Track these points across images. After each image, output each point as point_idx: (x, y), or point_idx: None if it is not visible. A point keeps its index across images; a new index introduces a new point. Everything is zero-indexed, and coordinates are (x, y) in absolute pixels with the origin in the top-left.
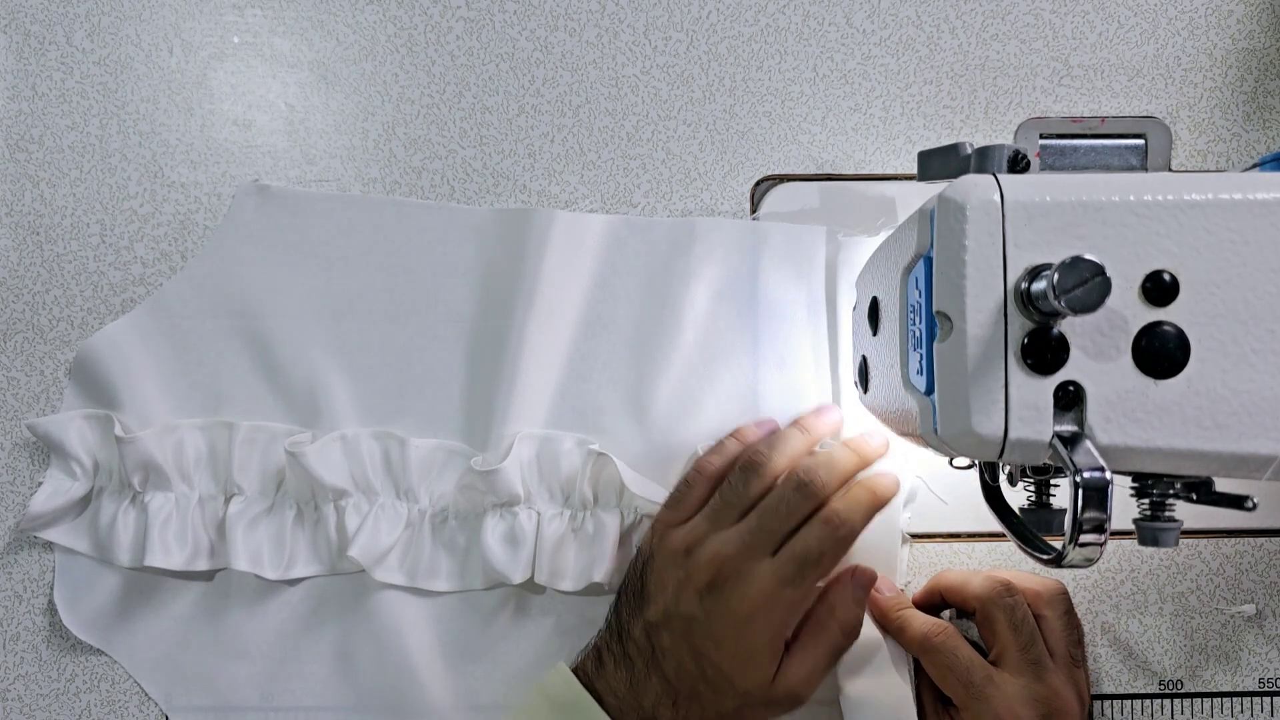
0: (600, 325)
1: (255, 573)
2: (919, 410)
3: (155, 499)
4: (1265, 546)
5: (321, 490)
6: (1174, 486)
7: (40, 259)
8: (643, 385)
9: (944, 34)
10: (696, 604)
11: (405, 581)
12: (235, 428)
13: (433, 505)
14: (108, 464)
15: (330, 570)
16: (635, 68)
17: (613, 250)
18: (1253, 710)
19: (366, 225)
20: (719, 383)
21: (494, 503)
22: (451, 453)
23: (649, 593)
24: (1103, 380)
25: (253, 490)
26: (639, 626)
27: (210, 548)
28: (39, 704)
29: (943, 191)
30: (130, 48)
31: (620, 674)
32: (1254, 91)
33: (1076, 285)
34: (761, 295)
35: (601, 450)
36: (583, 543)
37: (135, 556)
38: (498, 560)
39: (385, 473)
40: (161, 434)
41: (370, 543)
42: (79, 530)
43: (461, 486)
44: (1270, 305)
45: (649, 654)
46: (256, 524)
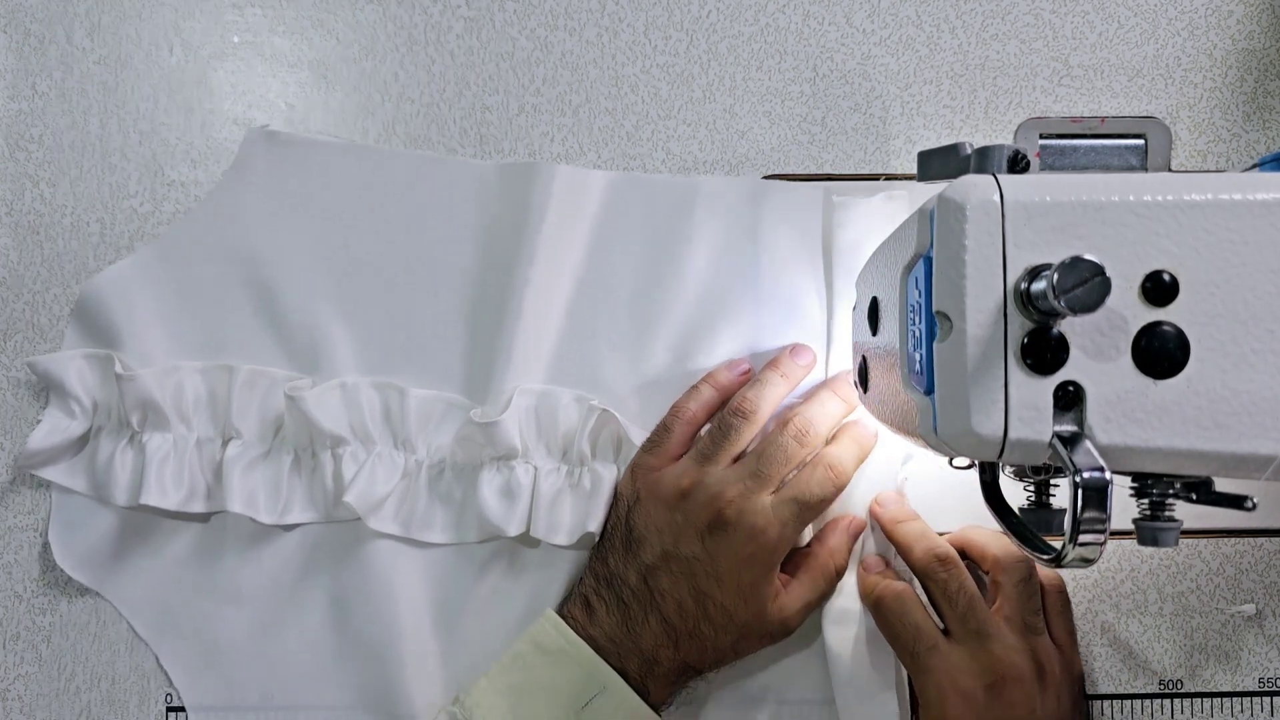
0: (601, 281)
1: (250, 515)
2: (919, 410)
3: (153, 439)
4: (1265, 546)
5: (319, 437)
6: (1174, 486)
7: (40, 259)
8: (642, 341)
9: (944, 34)
10: (698, 544)
11: (400, 531)
12: (235, 371)
13: (430, 457)
14: (106, 404)
15: (325, 518)
16: (635, 67)
17: (614, 206)
18: (1252, 710)
19: (372, 176)
20: (718, 339)
21: (491, 455)
22: (450, 405)
23: (640, 536)
24: (1102, 380)
25: (251, 435)
26: (634, 571)
27: (206, 490)
28: (40, 703)
29: (943, 191)
30: (130, 46)
31: (614, 619)
32: (1254, 92)
33: (1076, 285)
34: (762, 253)
35: (604, 407)
36: (579, 497)
37: (131, 496)
38: (493, 513)
39: (384, 422)
40: (162, 374)
41: (366, 490)
42: (76, 469)
43: (459, 439)
44: (1270, 305)
45: (646, 597)
46: (253, 468)
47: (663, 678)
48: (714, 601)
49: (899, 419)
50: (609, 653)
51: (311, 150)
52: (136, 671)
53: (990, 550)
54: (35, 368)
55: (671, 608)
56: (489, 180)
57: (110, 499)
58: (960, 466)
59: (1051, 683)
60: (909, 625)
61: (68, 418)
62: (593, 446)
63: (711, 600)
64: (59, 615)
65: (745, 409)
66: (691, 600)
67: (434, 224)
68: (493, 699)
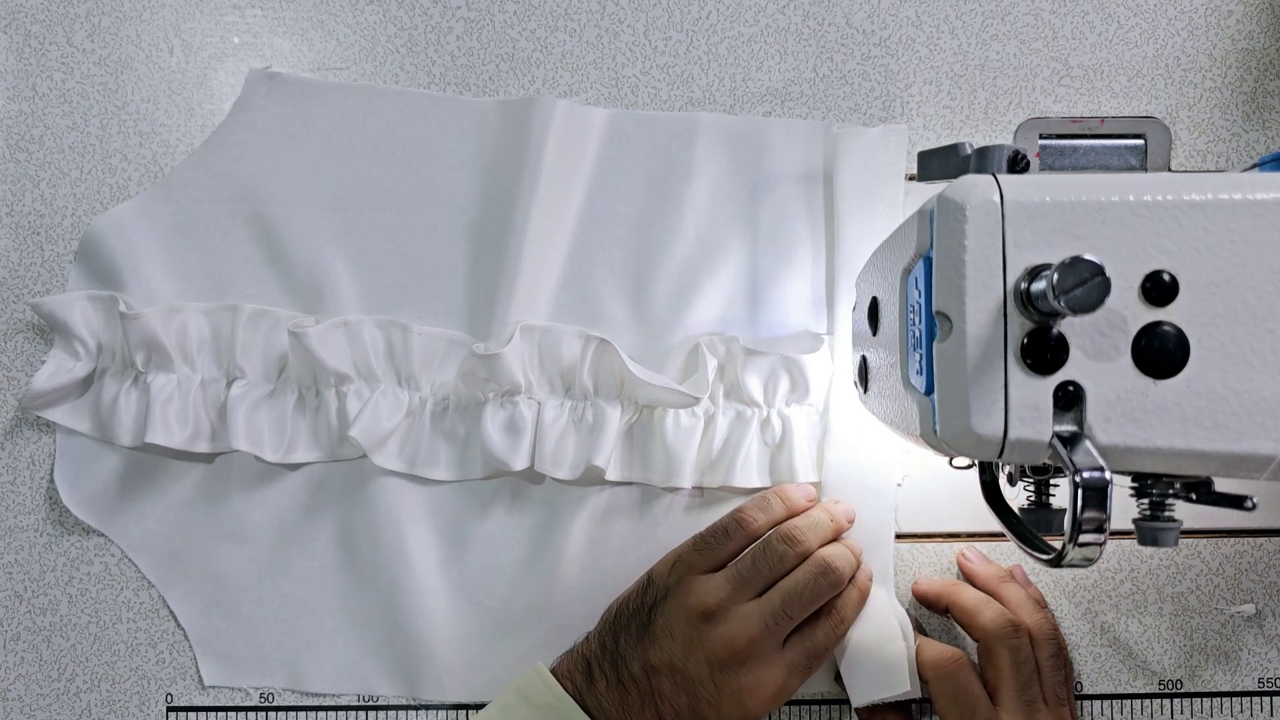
0: (601, 218)
1: (255, 453)
2: (919, 410)
3: (157, 379)
4: (1265, 546)
5: (323, 375)
6: (1173, 486)
7: (40, 259)
8: (643, 278)
9: (944, 34)
10: (707, 673)
11: (404, 468)
12: (239, 310)
13: (434, 394)
14: (111, 345)
15: (330, 456)
16: (635, 68)
17: (615, 143)
18: (1252, 710)
19: (373, 115)
20: (718, 276)
21: (495, 391)
22: (453, 342)
23: (655, 633)
24: (1102, 380)
25: (255, 374)
26: (638, 662)
27: (211, 430)
28: (39, 704)
29: (942, 192)
30: (130, 48)
31: (613, 696)
32: (1253, 92)
33: (1076, 285)
34: (762, 189)
35: (602, 337)
36: (583, 433)
37: (136, 436)
38: (497, 447)
39: (387, 360)
40: (166, 314)
41: (371, 426)
42: (80, 411)
43: (462, 373)
44: (1270, 305)
45: (646, 691)
46: (258, 407)
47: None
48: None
49: (899, 419)
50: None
51: (312, 90)
52: (136, 673)
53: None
54: (40, 309)
55: (669, 711)
56: (489, 117)
57: (115, 439)
58: (960, 466)
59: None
60: (973, 694)
61: (72, 359)
62: (595, 382)
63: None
64: (59, 616)
65: (795, 537)
66: (689, 714)
67: (435, 161)
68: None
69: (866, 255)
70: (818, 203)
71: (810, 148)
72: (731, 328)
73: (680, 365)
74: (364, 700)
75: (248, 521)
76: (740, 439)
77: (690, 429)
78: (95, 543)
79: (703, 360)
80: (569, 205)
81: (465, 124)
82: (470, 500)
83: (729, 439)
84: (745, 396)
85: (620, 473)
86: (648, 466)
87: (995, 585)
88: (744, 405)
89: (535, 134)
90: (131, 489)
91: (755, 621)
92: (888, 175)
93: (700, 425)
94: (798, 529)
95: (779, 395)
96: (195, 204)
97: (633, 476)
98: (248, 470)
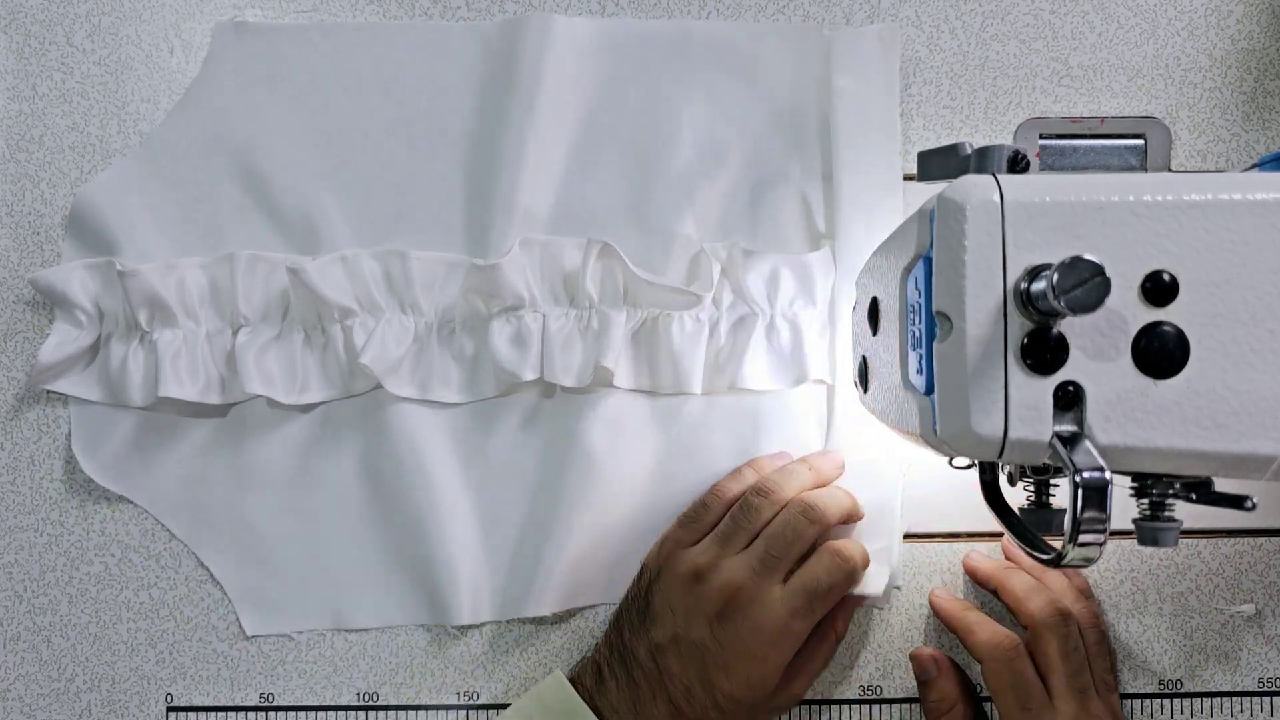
0: (598, 130)
1: (269, 396)
2: (919, 410)
3: (163, 336)
4: (1265, 546)
5: (326, 310)
6: (1173, 486)
7: (40, 259)
8: (642, 189)
9: (944, 34)
10: (707, 632)
11: (417, 394)
12: (236, 258)
13: (438, 317)
14: (113, 310)
15: (343, 392)
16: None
17: (609, 54)
18: (1252, 710)
19: (352, 52)
20: (717, 185)
21: (499, 307)
22: (453, 265)
23: (654, 613)
24: (1102, 380)
25: (259, 319)
26: (644, 648)
27: (221, 381)
28: (39, 704)
29: (942, 191)
30: (130, 48)
31: (624, 695)
32: (1253, 92)
33: (1076, 285)
34: (757, 96)
35: (603, 240)
36: (589, 340)
37: (148, 394)
38: (506, 360)
39: (388, 289)
40: (163, 270)
41: (381, 353)
42: (90, 379)
43: (465, 290)
44: (1270, 305)
45: (655, 677)
46: (266, 351)
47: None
48: (722, 691)
49: (899, 419)
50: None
51: (282, 34)
52: (136, 673)
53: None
54: (37, 284)
55: (679, 692)
56: (473, 41)
57: (127, 401)
58: (960, 466)
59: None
60: (1029, 681)
61: (75, 328)
62: (598, 290)
63: (720, 690)
64: (59, 616)
65: (768, 489)
66: (699, 686)
67: (421, 88)
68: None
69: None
70: (814, 106)
71: (804, 52)
72: (731, 237)
73: (683, 273)
74: (363, 700)
75: (268, 469)
76: (746, 342)
77: (695, 334)
78: (95, 542)
79: (706, 262)
80: (563, 122)
81: (449, 50)
82: (484, 421)
83: (735, 343)
84: (749, 300)
85: (628, 380)
86: (655, 373)
87: (1041, 572)
88: (748, 309)
89: (525, 53)
90: (149, 451)
91: (743, 569)
92: (883, 76)
93: (705, 331)
94: (771, 481)
95: (782, 297)
96: (180, 161)
97: (641, 384)
98: (262, 418)
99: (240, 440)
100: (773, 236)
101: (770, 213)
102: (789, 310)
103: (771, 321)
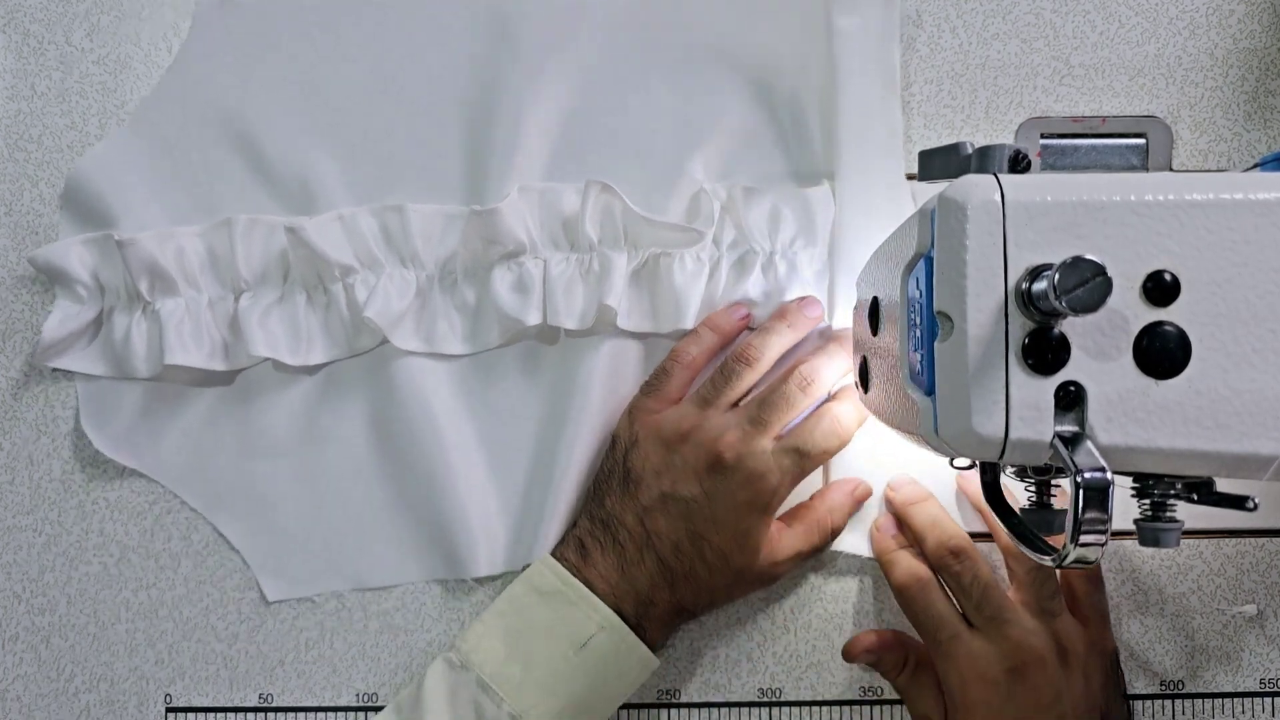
0: (595, 71)
1: (275, 357)
2: (919, 410)
3: (165, 305)
4: (1266, 547)
5: (327, 269)
6: (1175, 487)
7: None
8: (641, 134)
9: (944, 34)
10: (696, 486)
11: (422, 346)
12: (234, 222)
13: (439, 269)
14: (113, 283)
15: (347, 351)
16: None
17: None
18: (1254, 711)
19: (339, 7)
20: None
21: (500, 254)
22: (451, 216)
23: (638, 477)
24: (1104, 380)
25: (260, 282)
26: (631, 512)
27: (225, 347)
28: (39, 704)
29: (943, 191)
30: (129, 47)
31: (610, 560)
32: (1255, 91)
33: (1077, 285)
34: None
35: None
36: (591, 283)
37: (153, 365)
38: (509, 305)
39: (387, 244)
40: (161, 238)
41: (384, 307)
42: (94, 354)
43: (464, 238)
44: (1271, 305)
45: (643, 538)
46: (269, 314)
47: (658, 620)
48: (710, 544)
49: (899, 419)
50: (605, 595)
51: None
52: (136, 673)
53: (1002, 536)
54: (36, 261)
55: (668, 548)
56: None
57: (133, 373)
58: (961, 467)
59: (1076, 663)
60: (933, 614)
61: (76, 304)
62: (598, 232)
63: (708, 543)
64: (58, 616)
65: (749, 355)
66: (688, 542)
67: (411, 41)
68: (490, 643)
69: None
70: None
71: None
72: (732, 178)
73: (682, 212)
74: (363, 701)
75: (277, 433)
76: (744, 281)
77: (696, 273)
78: (94, 542)
79: (707, 201)
80: (560, 69)
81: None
82: (488, 373)
83: (735, 282)
84: (750, 238)
85: (630, 321)
86: (657, 313)
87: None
88: (749, 247)
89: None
90: (157, 422)
91: (733, 426)
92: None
93: (706, 270)
94: (750, 346)
95: (783, 235)
96: (172, 132)
97: (643, 325)
98: (267, 383)
99: (247, 406)
100: (774, 175)
101: (771, 152)
102: (789, 250)
103: (771, 260)
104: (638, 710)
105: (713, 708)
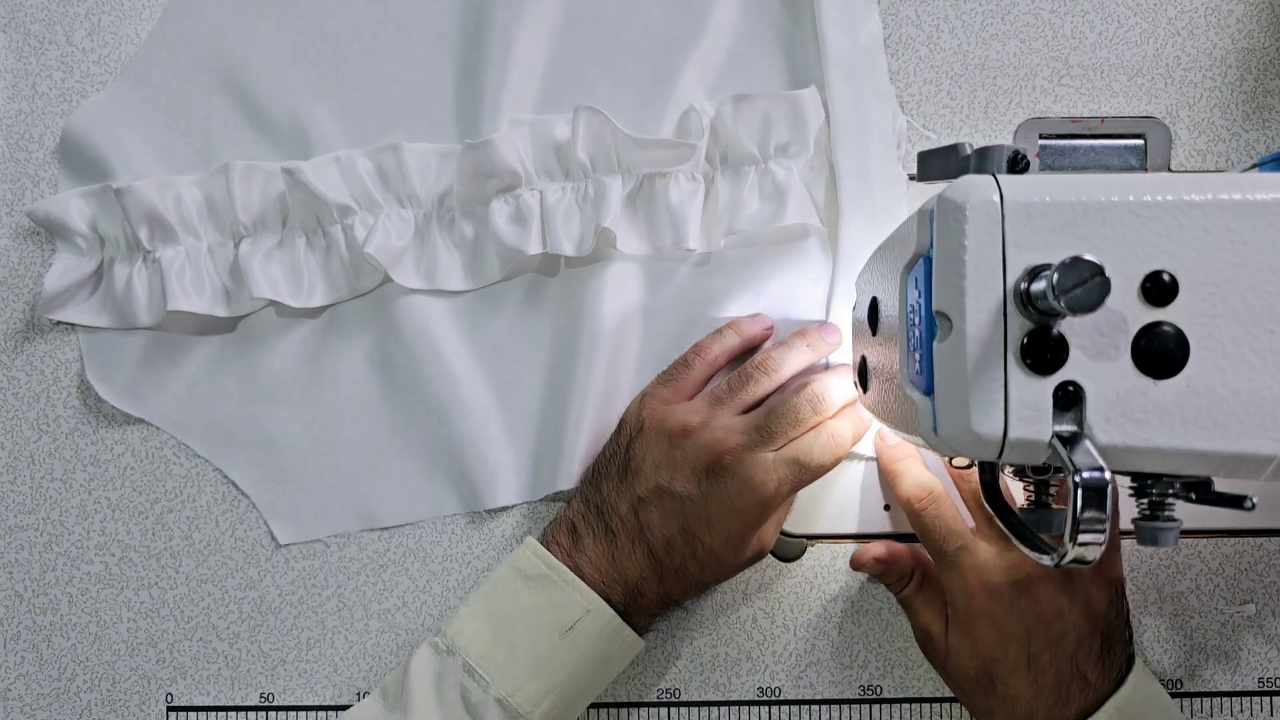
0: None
1: (277, 299)
2: (919, 410)
3: (166, 252)
4: (1265, 546)
5: (325, 211)
6: (1173, 486)
7: (40, 259)
8: (630, 61)
9: (944, 34)
10: (694, 485)
11: (424, 284)
12: (231, 168)
13: (436, 206)
14: (113, 234)
15: (349, 292)
16: None
17: None
18: (1252, 710)
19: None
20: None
21: (496, 187)
22: (446, 154)
23: (637, 467)
24: (1102, 380)
25: (259, 228)
26: (625, 501)
27: (227, 293)
28: (39, 704)
29: (942, 192)
30: (130, 47)
31: (601, 548)
32: (1253, 91)
33: (1076, 285)
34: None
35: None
36: (587, 209)
37: (155, 313)
38: (508, 237)
39: (383, 184)
40: (160, 186)
41: (384, 245)
42: (96, 306)
43: (459, 173)
44: (1270, 305)
45: (635, 529)
46: (270, 258)
47: (645, 609)
48: (702, 544)
49: (899, 419)
50: (594, 583)
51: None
52: (137, 673)
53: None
54: (35, 215)
55: (659, 542)
56: None
57: (135, 322)
58: (960, 466)
59: (1081, 584)
60: (941, 526)
61: (77, 255)
62: (591, 158)
63: (700, 542)
64: (59, 615)
65: (769, 366)
66: (680, 539)
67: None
68: (475, 626)
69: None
70: None
71: None
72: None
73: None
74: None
75: (282, 377)
76: (740, 194)
77: (692, 192)
78: (95, 542)
79: (696, 118)
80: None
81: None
82: (491, 307)
83: (730, 197)
84: (741, 152)
85: (630, 244)
86: (655, 233)
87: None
88: (741, 163)
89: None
90: (161, 371)
91: (739, 431)
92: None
93: (701, 188)
94: (772, 358)
95: (774, 142)
96: (167, 82)
97: (642, 247)
98: (269, 328)
99: (251, 352)
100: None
101: (757, 70)
102: (783, 158)
103: (765, 170)
104: (638, 709)
105: (713, 707)
